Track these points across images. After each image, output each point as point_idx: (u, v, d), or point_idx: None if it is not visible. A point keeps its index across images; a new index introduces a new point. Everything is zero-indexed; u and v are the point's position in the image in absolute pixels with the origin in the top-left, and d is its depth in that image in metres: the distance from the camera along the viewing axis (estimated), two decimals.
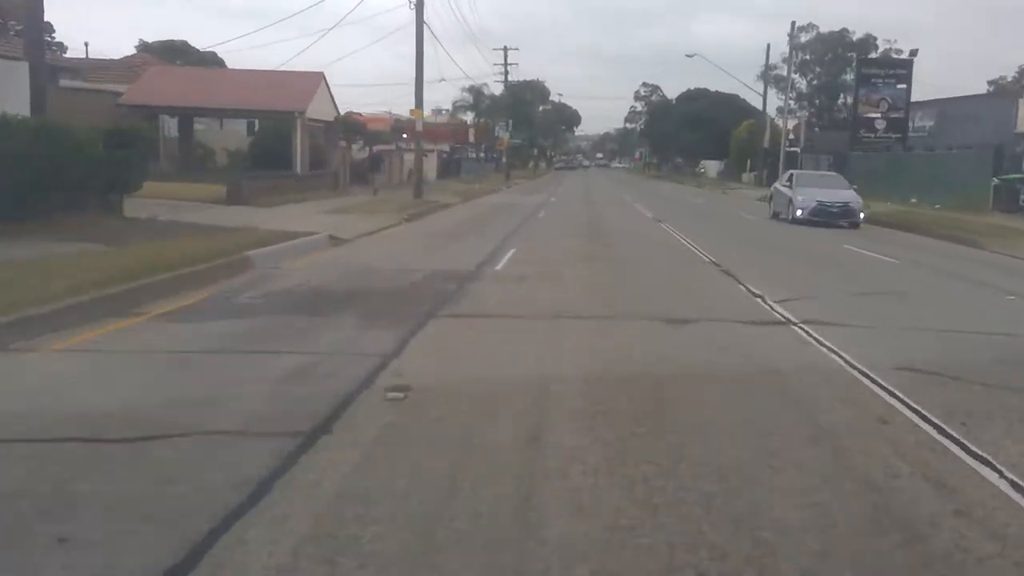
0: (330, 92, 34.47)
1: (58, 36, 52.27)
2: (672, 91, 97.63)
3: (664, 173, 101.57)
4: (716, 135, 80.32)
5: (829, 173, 27.79)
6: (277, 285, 10.25)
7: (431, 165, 47.90)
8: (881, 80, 41.75)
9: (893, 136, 41.44)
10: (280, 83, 31.70)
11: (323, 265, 12.42)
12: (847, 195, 23.96)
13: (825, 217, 22.94)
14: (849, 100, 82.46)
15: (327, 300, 9.27)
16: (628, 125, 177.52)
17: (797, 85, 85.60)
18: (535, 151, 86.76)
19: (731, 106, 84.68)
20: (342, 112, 38.27)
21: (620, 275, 12.08)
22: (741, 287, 10.91)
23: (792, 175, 26.35)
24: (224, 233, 14.60)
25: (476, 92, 76.64)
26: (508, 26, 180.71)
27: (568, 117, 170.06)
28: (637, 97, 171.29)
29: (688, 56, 55.18)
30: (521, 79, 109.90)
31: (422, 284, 10.66)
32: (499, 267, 12.73)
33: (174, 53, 53.34)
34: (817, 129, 72.43)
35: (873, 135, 41.61)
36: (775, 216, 25.84)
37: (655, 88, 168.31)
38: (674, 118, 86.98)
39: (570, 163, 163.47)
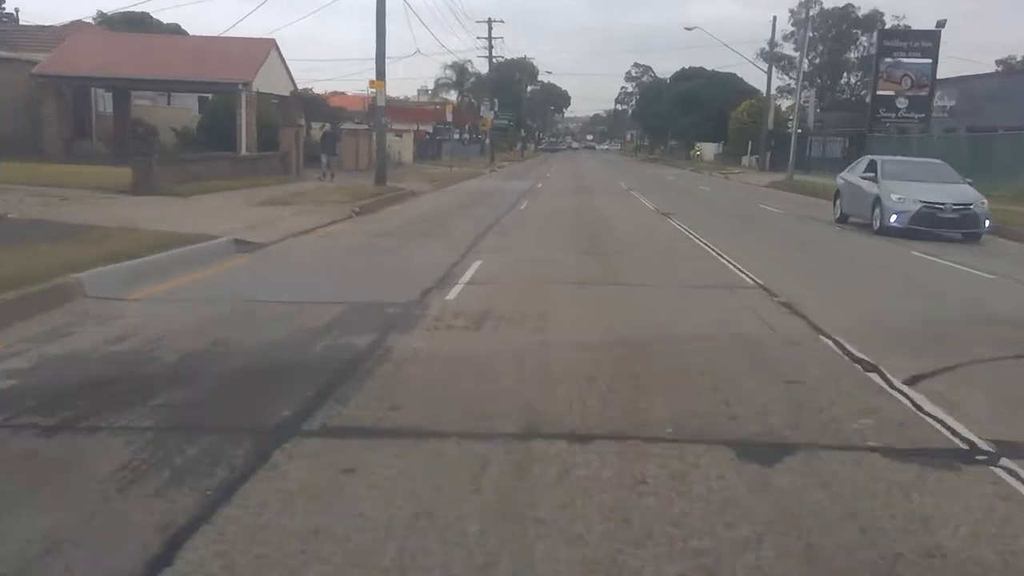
0: (284, 63, 30.20)
1: (7, 7, 47.73)
2: (664, 72, 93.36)
3: (657, 156, 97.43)
4: (712, 116, 76.20)
5: (932, 161, 19.14)
6: (71, 345, 6.13)
7: (406, 147, 43.61)
8: (904, 54, 37.66)
9: (915, 116, 37.44)
10: (227, 52, 27.39)
11: (188, 295, 8.29)
12: (965, 193, 16.42)
13: (934, 225, 15.84)
14: (853, 80, 78.80)
15: (104, 395, 5.05)
16: (619, 106, 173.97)
17: (798, 63, 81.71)
18: (522, 132, 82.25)
19: (728, 86, 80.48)
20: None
21: (642, 320, 7.92)
22: (903, 400, 5.31)
23: (877, 163, 18.08)
24: (84, 238, 10.49)
25: (459, 69, 72.24)
26: (495, 5, 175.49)
27: (558, 98, 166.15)
28: (628, 78, 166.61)
29: (688, 29, 50.98)
30: (509, 58, 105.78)
31: (314, 341, 6.49)
32: (452, 295, 8.67)
33: (132, 25, 48.67)
34: (819, 110, 68.52)
35: (893, 115, 37.61)
36: (843, 219, 18.92)
37: (647, 68, 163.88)
38: (668, 98, 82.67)
39: (555, 145, 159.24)
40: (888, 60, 37.92)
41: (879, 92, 37.86)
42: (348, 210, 17.61)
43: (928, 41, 37.85)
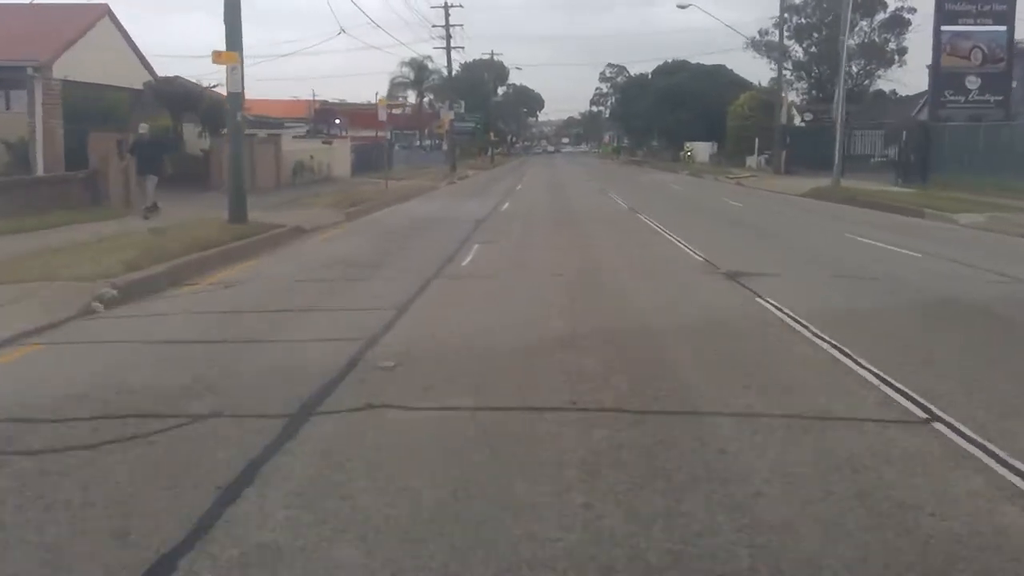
0: (129, 40, 20.61)
1: None
2: (643, 71, 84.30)
3: (640, 158, 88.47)
4: (703, 113, 67.34)
5: None
6: None
7: (339, 157, 34.18)
8: (971, 20, 28.74)
9: (991, 99, 28.54)
10: (16, 22, 17.81)
11: None
12: None
13: None
14: (855, 69, 70.15)
15: None
16: (594, 108, 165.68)
17: (793, 53, 73.00)
18: (491, 135, 72.89)
19: (718, 79, 71.63)
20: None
21: None
22: None
23: None
24: None
25: (418, 66, 62.77)
26: (463, 13, 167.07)
27: (531, 100, 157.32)
28: (603, 78, 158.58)
29: (680, 7, 41.87)
30: (473, 54, 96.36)
31: None
32: None
33: None
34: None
35: (963, 99, 28.68)
36: None
37: (621, 68, 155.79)
38: (651, 96, 73.68)
39: (530, 149, 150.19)
40: (951, 29, 28.94)
41: (945, 70, 28.79)
42: (84, 300, 8.19)
43: (1001, 3, 28.92)
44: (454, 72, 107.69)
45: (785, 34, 73.23)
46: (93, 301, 8.19)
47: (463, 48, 61.12)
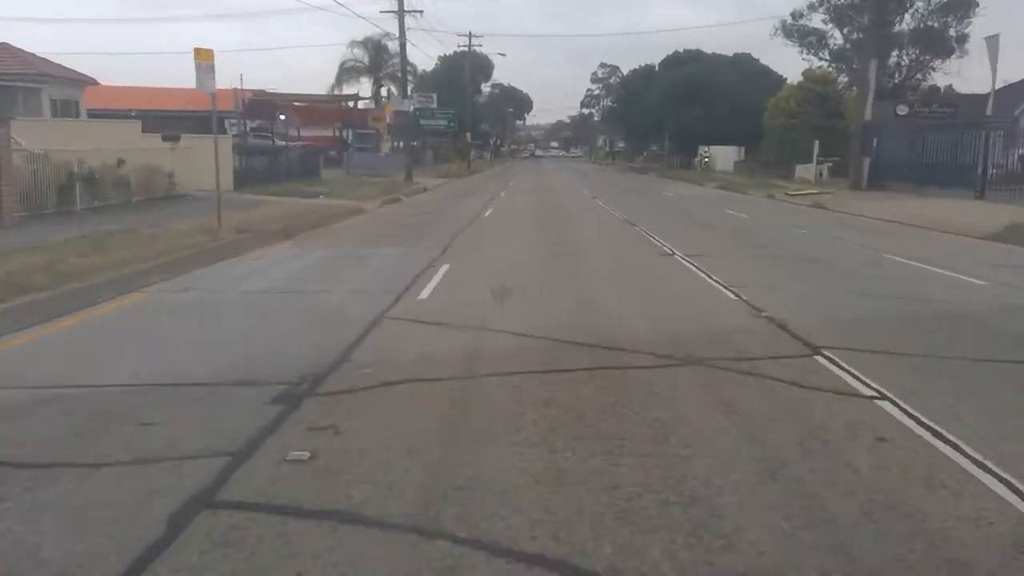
0: None
1: None
2: (646, 64, 71.99)
3: (640, 164, 76.19)
4: (725, 110, 55.28)
5: None
6: None
7: (203, 163, 21.54)
8: None
9: None
10: None
11: None
12: None
13: None
14: (906, 60, 58.21)
15: None
16: (585, 111, 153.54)
17: (831, 40, 60.91)
18: (467, 136, 60.30)
19: (741, 68, 59.56)
20: None
21: None
22: None
23: None
24: None
25: (374, 48, 49.99)
26: (450, 13, 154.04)
27: (518, 101, 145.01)
28: (594, 79, 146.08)
29: None
30: (459, 49, 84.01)
31: None
32: None
33: None
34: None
35: None
36: None
37: (614, 69, 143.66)
38: (658, 90, 61.40)
39: (517, 153, 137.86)
40: None
41: None
42: None
43: None
44: (432, 67, 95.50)
45: (820, 17, 61.54)
46: None
47: (420, 13, 48.47)
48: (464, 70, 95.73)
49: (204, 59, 13.18)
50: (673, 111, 57.85)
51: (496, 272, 10.35)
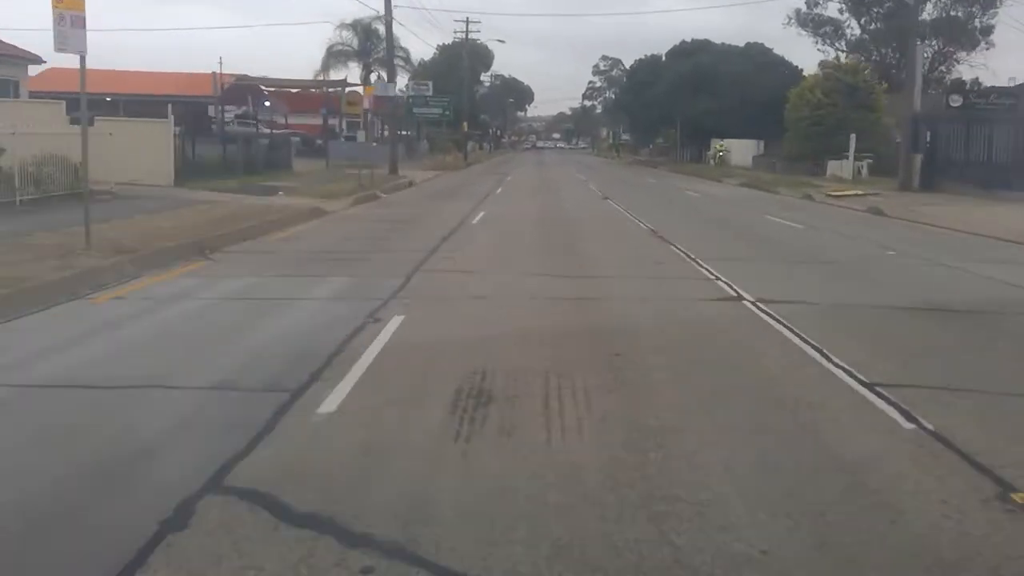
0: None
1: None
2: (652, 54, 67.64)
3: (648, 157, 72.13)
4: (738, 101, 51.20)
5: None
6: None
7: (131, 150, 17.53)
8: None
9: None
10: None
11: None
12: None
13: None
14: (928, 52, 54.03)
15: None
16: (587, 103, 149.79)
17: (848, 31, 56.78)
18: (464, 126, 56.15)
19: (755, 60, 55.42)
20: None
21: None
22: None
23: None
24: None
25: (363, 30, 45.70)
26: (452, 3, 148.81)
27: (519, 92, 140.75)
28: (596, 71, 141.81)
29: None
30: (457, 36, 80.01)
31: None
32: None
33: None
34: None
35: None
36: None
37: (616, 61, 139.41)
38: (666, 80, 57.13)
39: (518, 144, 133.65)
40: None
41: None
42: None
43: None
44: (430, 56, 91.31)
45: (837, 6, 57.40)
46: None
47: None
48: (463, 59, 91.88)
49: (69, 7, 9.16)
50: (681, 103, 53.64)
51: (476, 337, 6.40)
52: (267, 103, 50.24)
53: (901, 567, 2.98)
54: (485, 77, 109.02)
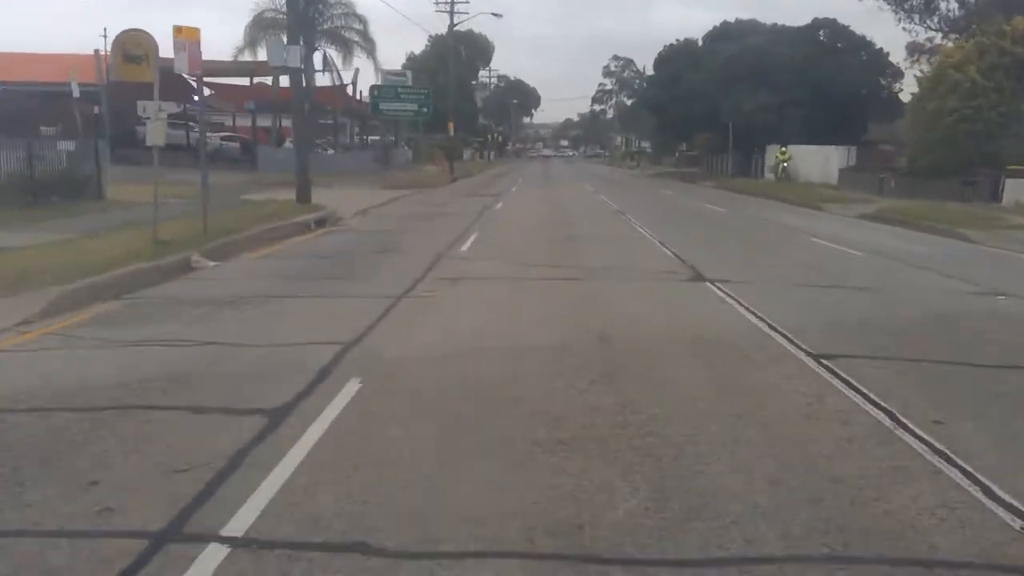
0: None
1: None
2: (686, 38, 54.49)
3: (675, 167, 59.32)
4: (803, 95, 38.54)
5: None
6: None
7: None
8: None
9: None
10: None
11: None
12: None
13: None
14: None
15: None
16: (596, 107, 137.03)
17: (945, 8, 43.83)
18: (450, 127, 42.99)
19: (823, 42, 42.61)
20: None
21: None
22: None
23: None
24: None
25: None
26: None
27: (524, 96, 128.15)
28: (607, 73, 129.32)
29: None
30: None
31: None
32: None
33: None
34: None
35: None
36: None
37: (628, 62, 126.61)
38: (706, 69, 44.23)
39: (523, 152, 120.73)
40: None
41: None
42: None
43: None
44: (420, 49, 78.51)
45: None
46: None
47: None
48: (455, 50, 79.11)
49: None
50: (728, 96, 40.80)
51: None
52: (195, 96, 37.80)
53: None
54: (486, 76, 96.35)
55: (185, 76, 33.61)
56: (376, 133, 48.46)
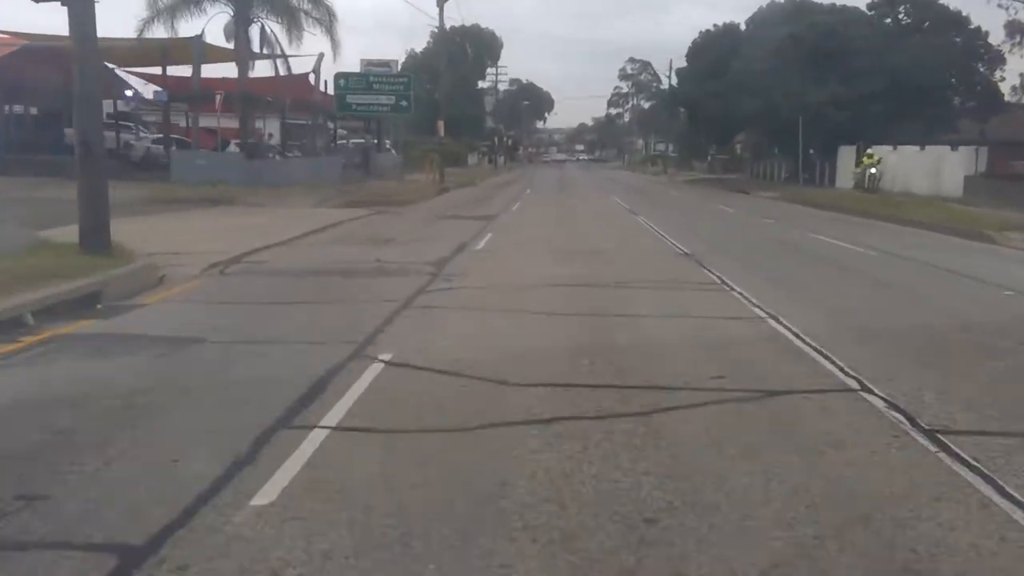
0: None
1: None
2: (727, 22, 45.29)
3: (707, 171, 50.47)
4: (885, 86, 29.82)
5: None
6: None
7: None
8: None
9: None
10: None
11: None
12: None
13: None
14: None
15: None
16: (612, 111, 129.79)
17: None
18: (439, 125, 33.83)
19: (908, 21, 33.74)
20: None
21: None
22: None
23: None
24: None
25: None
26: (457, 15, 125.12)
27: (537, 98, 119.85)
28: (623, 75, 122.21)
29: None
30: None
31: None
32: None
33: None
34: None
35: None
36: None
37: (645, 64, 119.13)
38: (754, 58, 35.31)
39: (536, 157, 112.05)
40: None
41: None
42: None
43: None
44: (422, 46, 70.60)
45: None
46: None
47: None
48: (464, 49, 70.50)
49: None
50: (790, 89, 31.94)
51: None
52: (129, 92, 29.59)
53: None
54: (500, 78, 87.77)
55: (110, 66, 25.17)
56: (366, 134, 39.98)
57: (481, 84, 70.40)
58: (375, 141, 31.32)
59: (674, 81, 45.10)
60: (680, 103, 44.48)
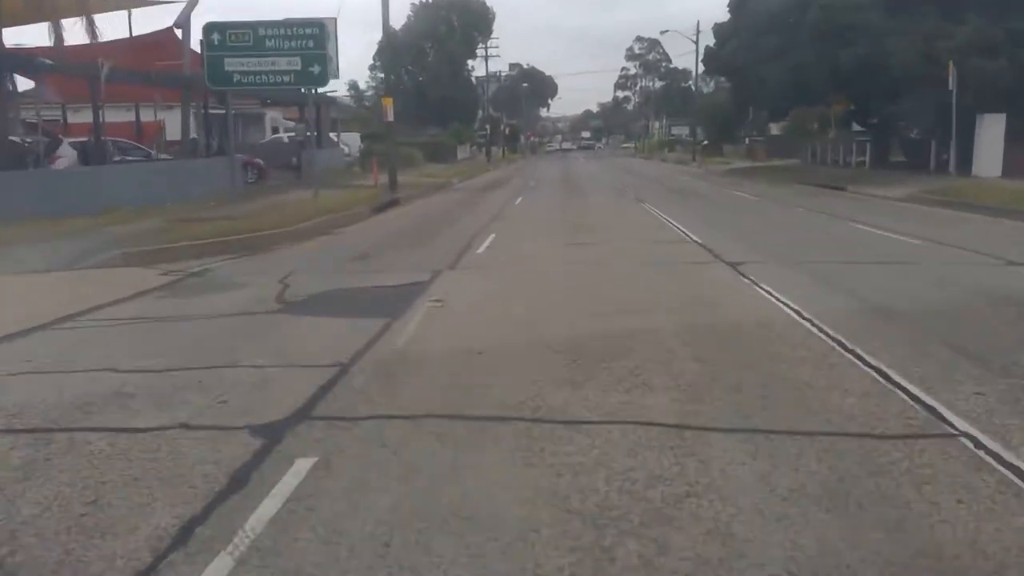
0: None
1: None
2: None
3: (746, 157, 39.58)
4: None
5: None
6: None
7: None
8: None
9: None
10: None
11: None
12: None
13: None
14: None
15: None
16: (619, 93, 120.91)
17: None
18: (388, 105, 22.94)
19: None
20: None
21: None
22: None
23: None
24: None
25: None
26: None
27: (539, 82, 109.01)
28: (630, 56, 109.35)
29: None
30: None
31: None
32: None
33: None
34: None
35: None
36: None
37: (653, 43, 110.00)
38: (832, 9, 24.07)
39: (538, 146, 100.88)
40: None
41: None
42: None
43: None
44: (401, 23, 60.00)
45: None
46: None
47: None
48: (453, 27, 59.21)
49: None
50: (904, 35, 20.84)
51: None
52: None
53: None
54: (481, 51, 76.35)
55: None
56: (299, 124, 29.00)
57: (471, 63, 59.50)
58: (311, 133, 20.90)
59: (709, 45, 33.81)
60: (721, 69, 33.06)
